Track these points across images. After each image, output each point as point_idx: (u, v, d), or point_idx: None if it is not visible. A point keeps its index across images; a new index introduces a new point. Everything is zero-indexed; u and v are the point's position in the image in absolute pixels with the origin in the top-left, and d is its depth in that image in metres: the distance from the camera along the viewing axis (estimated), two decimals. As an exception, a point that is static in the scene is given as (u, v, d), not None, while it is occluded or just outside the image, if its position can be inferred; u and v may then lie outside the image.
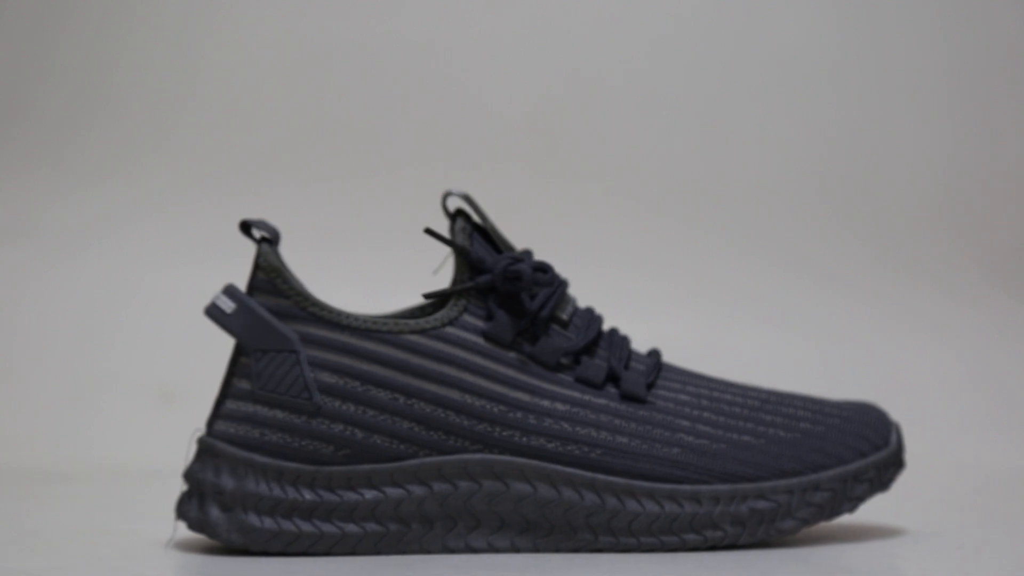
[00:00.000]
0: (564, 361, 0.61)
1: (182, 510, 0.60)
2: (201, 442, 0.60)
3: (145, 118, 1.12)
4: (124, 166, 1.11)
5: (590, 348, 0.62)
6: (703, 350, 0.98)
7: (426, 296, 0.61)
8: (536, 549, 0.60)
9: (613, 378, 0.62)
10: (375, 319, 0.59)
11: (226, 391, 0.60)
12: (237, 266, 0.69)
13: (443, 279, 0.66)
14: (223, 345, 0.64)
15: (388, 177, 1.12)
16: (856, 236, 1.17)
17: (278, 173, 1.12)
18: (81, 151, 1.11)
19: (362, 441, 0.59)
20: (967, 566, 0.61)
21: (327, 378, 0.59)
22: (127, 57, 1.13)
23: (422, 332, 0.59)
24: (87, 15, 1.12)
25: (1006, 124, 1.18)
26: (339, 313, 0.59)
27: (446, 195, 0.63)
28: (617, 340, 0.63)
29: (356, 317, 0.59)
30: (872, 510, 0.72)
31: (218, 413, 0.60)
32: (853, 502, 0.63)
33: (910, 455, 0.70)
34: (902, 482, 0.73)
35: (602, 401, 0.61)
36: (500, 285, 0.60)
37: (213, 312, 0.60)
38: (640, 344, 0.69)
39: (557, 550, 0.60)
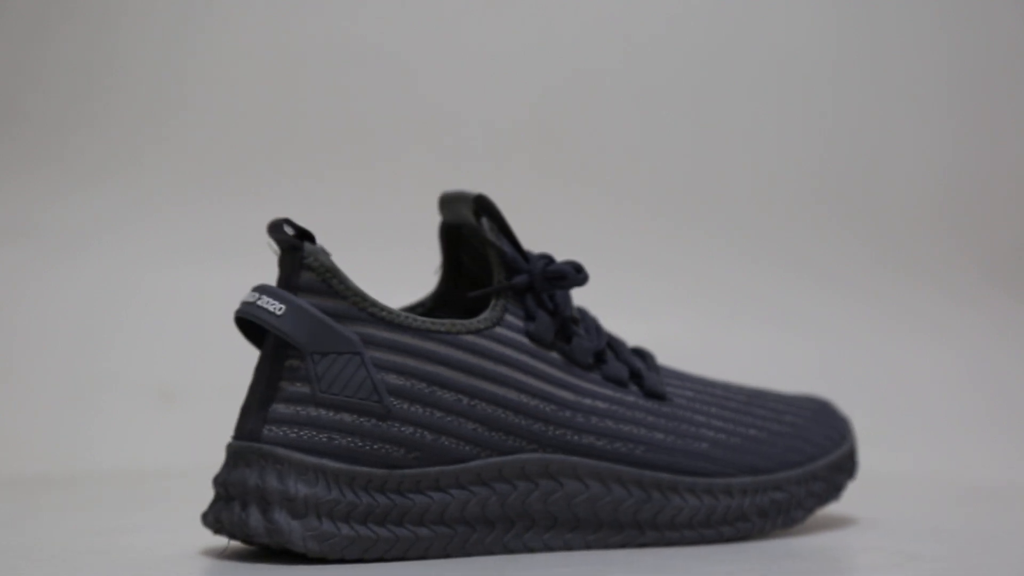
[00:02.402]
0: (590, 360, 0.62)
1: (237, 518, 0.56)
2: (249, 448, 0.57)
3: (145, 118, 1.12)
4: (124, 166, 1.11)
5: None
6: (703, 350, 0.98)
7: (471, 297, 0.61)
8: (587, 546, 0.61)
9: (635, 376, 0.63)
10: (432, 320, 0.59)
11: (271, 395, 0.57)
12: (237, 266, 0.69)
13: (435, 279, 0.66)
14: (222, 345, 0.64)
15: (388, 177, 1.12)
16: (856, 236, 1.17)
17: (278, 173, 1.12)
18: (81, 151, 1.11)
19: (431, 443, 0.58)
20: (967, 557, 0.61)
21: (394, 380, 0.58)
22: (127, 57, 1.13)
23: (477, 332, 0.59)
24: (86, 15, 1.12)
25: (1006, 124, 1.18)
26: (398, 314, 0.58)
27: (444, 197, 0.64)
28: (615, 339, 0.64)
29: (414, 318, 0.58)
30: (872, 506, 0.72)
31: (266, 418, 0.57)
32: (837, 490, 0.67)
33: (912, 454, 0.70)
34: (903, 480, 0.73)
35: (631, 399, 0.63)
36: (539, 285, 0.61)
37: (257, 313, 0.57)
38: (640, 345, 0.70)
39: (606, 546, 0.61)
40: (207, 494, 0.60)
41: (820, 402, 0.70)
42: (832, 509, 0.71)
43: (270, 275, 0.62)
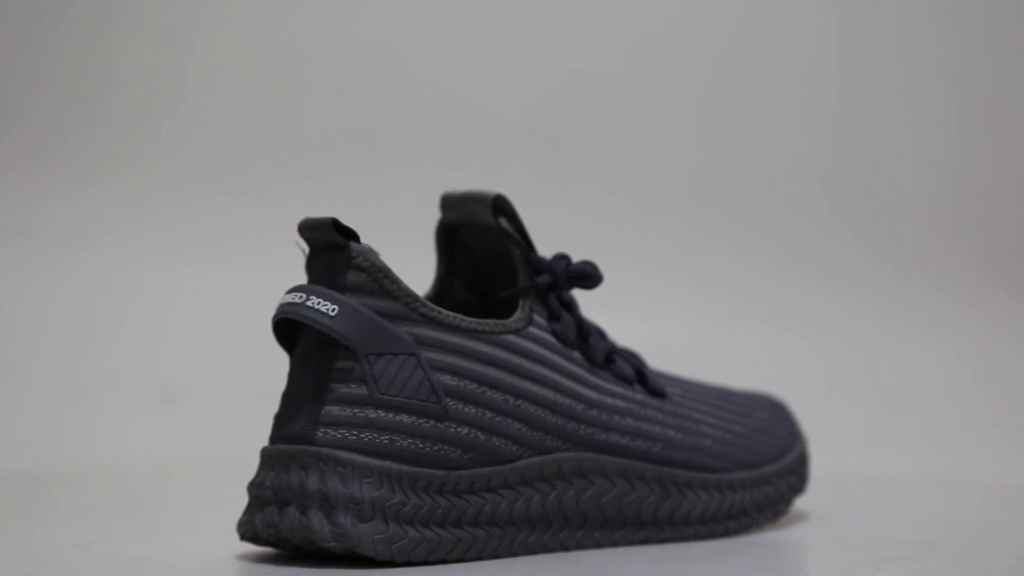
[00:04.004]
0: (603, 360, 0.63)
1: (296, 523, 0.55)
2: (303, 451, 0.55)
3: (145, 117, 1.12)
4: (124, 166, 1.11)
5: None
6: (703, 350, 0.98)
7: (502, 297, 0.61)
8: (613, 543, 0.62)
9: (639, 375, 0.64)
10: (476, 320, 0.59)
11: (321, 397, 0.56)
12: (237, 266, 0.69)
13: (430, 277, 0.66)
14: (222, 345, 0.64)
15: (388, 177, 1.12)
16: (856, 236, 1.17)
17: (278, 173, 1.12)
18: (81, 151, 1.11)
19: (484, 444, 0.58)
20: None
21: (448, 380, 0.57)
22: (126, 56, 1.13)
23: (516, 332, 0.59)
24: (85, 15, 1.12)
25: (1006, 124, 1.18)
26: (448, 314, 0.58)
27: (449, 196, 0.64)
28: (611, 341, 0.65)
29: (462, 318, 0.58)
30: (873, 504, 0.72)
31: (318, 420, 0.55)
32: (803, 483, 0.69)
33: (912, 454, 0.70)
34: (903, 480, 0.73)
35: (640, 397, 0.63)
36: (563, 284, 0.61)
37: (307, 314, 0.56)
38: (640, 345, 0.70)
39: (629, 543, 0.62)
40: (208, 495, 0.59)
41: (772, 399, 0.72)
42: (836, 506, 0.72)
43: (270, 275, 0.62)
